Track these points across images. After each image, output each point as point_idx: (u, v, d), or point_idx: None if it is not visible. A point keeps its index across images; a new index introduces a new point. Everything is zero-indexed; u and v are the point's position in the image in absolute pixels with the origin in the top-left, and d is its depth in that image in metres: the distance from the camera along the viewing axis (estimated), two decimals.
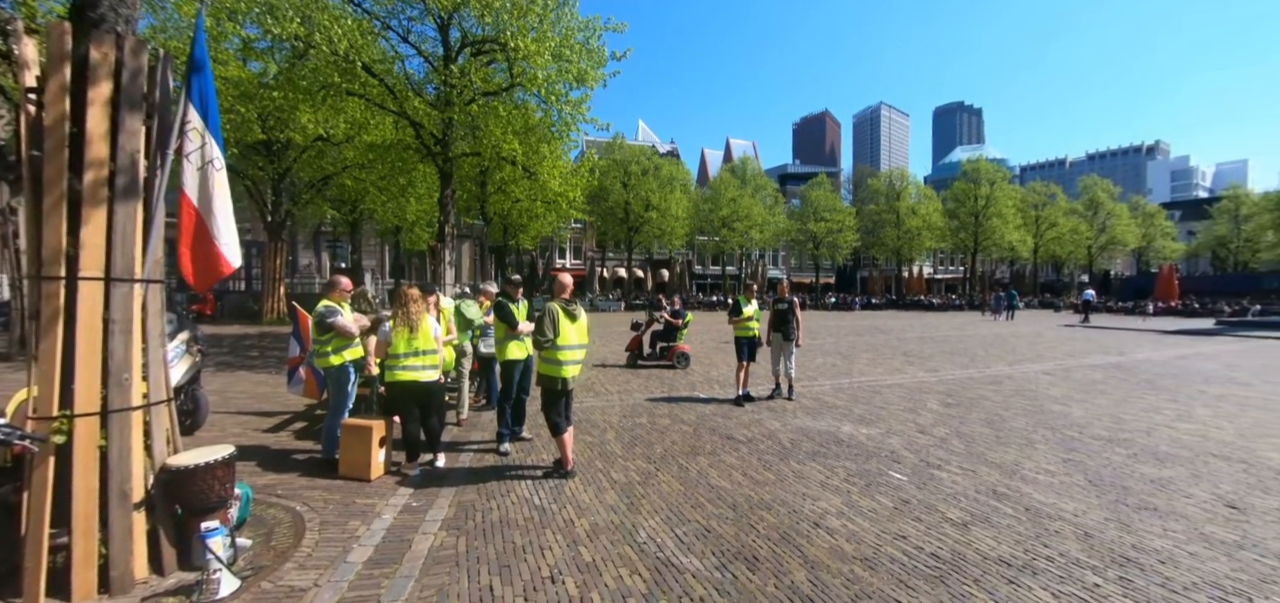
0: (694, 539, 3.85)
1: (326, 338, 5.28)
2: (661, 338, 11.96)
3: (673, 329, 11.90)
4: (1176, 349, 16.08)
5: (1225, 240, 54.73)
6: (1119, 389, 9.60)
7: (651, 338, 12.05)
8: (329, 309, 5.27)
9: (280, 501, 4.48)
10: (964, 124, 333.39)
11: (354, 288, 5.79)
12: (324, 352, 5.32)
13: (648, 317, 12.40)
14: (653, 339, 12.05)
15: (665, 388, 9.53)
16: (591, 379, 10.32)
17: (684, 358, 11.59)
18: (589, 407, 8.01)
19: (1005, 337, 20.24)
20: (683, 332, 11.96)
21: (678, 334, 11.87)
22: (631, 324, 12.58)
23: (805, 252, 53.22)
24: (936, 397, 8.84)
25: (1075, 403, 8.39)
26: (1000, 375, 11.08)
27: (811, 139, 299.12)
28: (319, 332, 5.29)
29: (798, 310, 8.52)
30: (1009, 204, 51.45)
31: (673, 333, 11.89)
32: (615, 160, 41.69)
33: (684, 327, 11.93)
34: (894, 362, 13.12)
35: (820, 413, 7.63)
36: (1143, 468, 5.42)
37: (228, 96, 13.89)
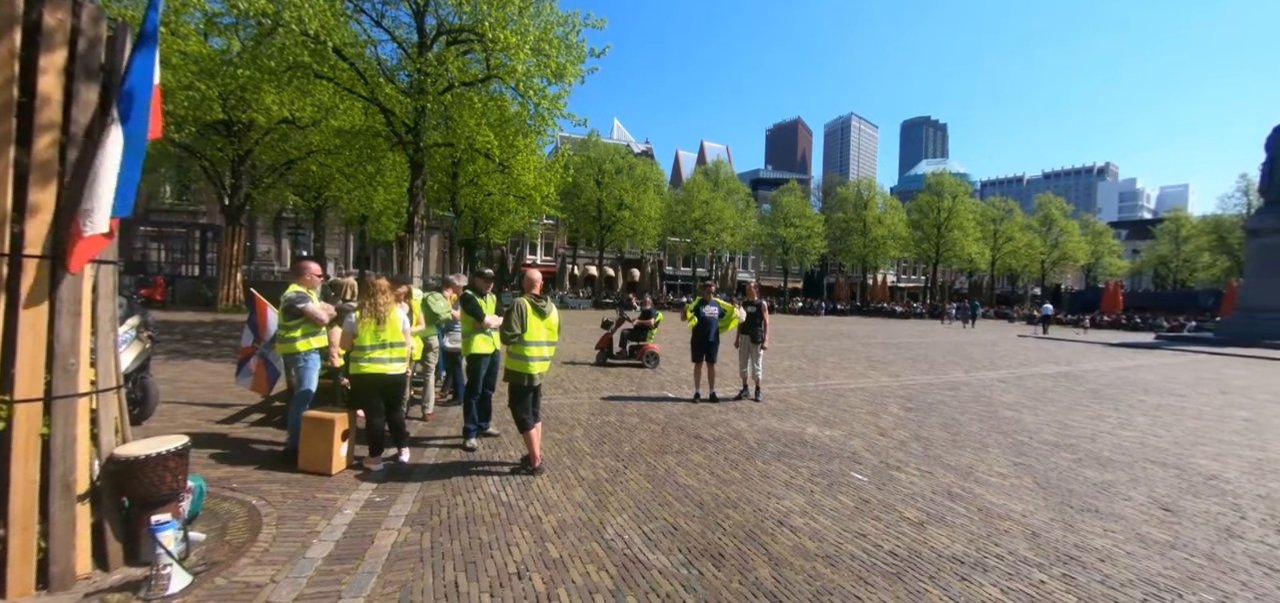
0: (661, 536, 3.88)
1: (295, 324, 5.14)
2: (631, 337, 11.99)
3: (643, 329, 11.94)
4: (1120, 361, 16.94)
5: (1166, 259, 57.98)
6: (1067, 397, 10.06)
7: (621, 337, 12.07)
8: (299, 295, 5.14)
9: (235, 494, 4.34)
10: (930, 138, 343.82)
11: (323, 276, 5.64)
12: (290, 338, 5.17)
13: (618, 315, 12.41)
14: (623, 338, 12.07)
15: (634, 387, 9.56)
16: (561, 377, 10.28)
17: (653, 358, 11.65)
18: (558, 404, 7.98)
19: (963, 345, 20.97)
20: (653, 332, 12.02)
21: (648, 334, 11.92)
22: (602, 323, 12.57)
23: (775, 256, 54.09)
24: (897, 401, 9.11)
25: (1026, 410, 8.77)
26: (958, 382, 11.48)
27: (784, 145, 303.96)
28: (287, 317, 5.14)
29: (766, 314, 8.67)
30: (970, 218, 53.34)
31: (643, 332, 11.93)
32: (589, 157, 41.59)
33: (654, 327, 11.99)
34: (858, 366, 13.46)
35: (786, 415, 7.77)
36: (1087, 472, 5.70)
37: (186, 72, 13.32)
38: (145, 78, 3.39)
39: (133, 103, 3.31)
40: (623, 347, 12.02)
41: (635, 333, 12.01)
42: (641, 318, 12.05)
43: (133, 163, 3.44)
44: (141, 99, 3.39)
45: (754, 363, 8.59)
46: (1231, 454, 6.58)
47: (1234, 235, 48.65)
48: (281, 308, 5.17)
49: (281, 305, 5.17)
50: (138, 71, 3.31)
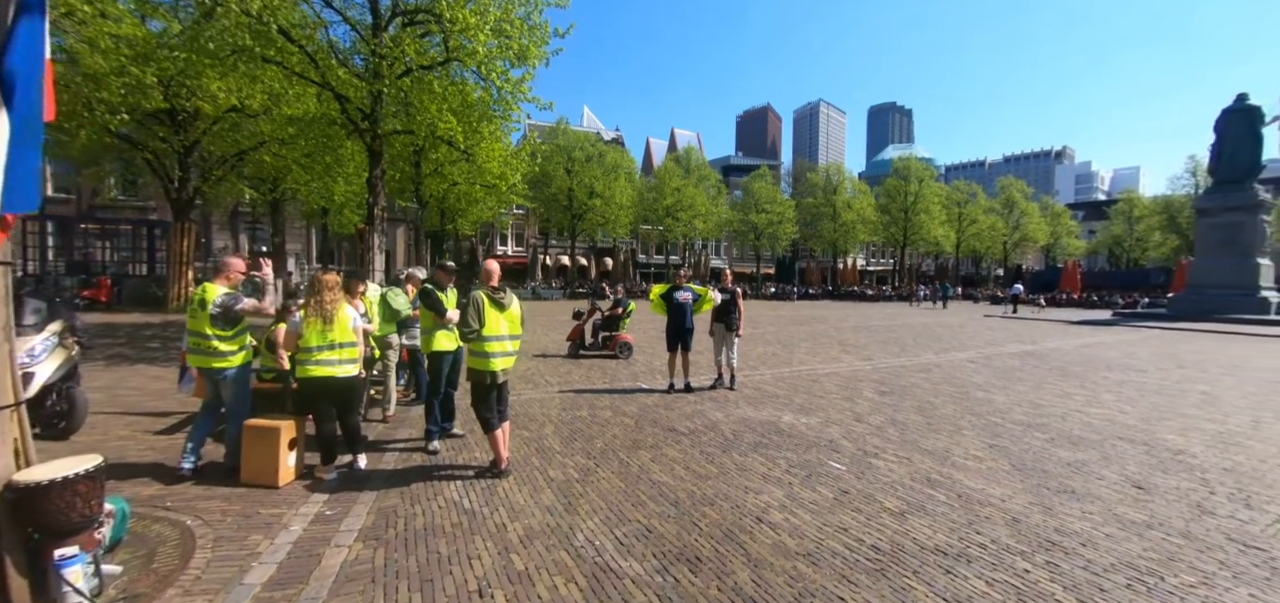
0: (634, 541, 3.67)
1: (231, 333, 4.57)
2: (604, 327, 11.74)
3: (615, 319, 11.70)
4: (1082, 339, 17.42)
5: (1120, 239, 60.25)
6: (1035, 376, 10.21)
7: (593, 328, 11.81)
8: (230, 296, 4.59)
9: (169, 514, 3.96)
10: (896, 123, 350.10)
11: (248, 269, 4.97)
12: (222, 350, 4.51)
13: (589, 306, 12.14)
14: (594, 329, 11.81)
15: (607, 379, 9.33)
16: (531, 370, 9.98)
17: (626, 348, 11.42)
18: (527, 400, 7.69)
19: (933, 327, 21.33)
20: (625, 321, 11.78)
21: (620, 324, 11.68)
22: (573, 313, 12.28)
23: (747, 242, 54.33)
24: (871, 385, 9.09)
25: (997, 390, 8.84)
26: (929, 364, 11.57)
27: (754, 132, 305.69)
28: (224, 325, 4.52)
29: (741, 301, 8.50)
30: (935, 201, 54.44)
31: (615, 322, 11.69)
32: (559, 145, 40.94)
33: (626, 316, 11.75)
34: (831, 351, 13.48)
35: (762, 403, 7.64)
36: (1060, 452, 5.70)
37: (119, 56, 12.43)
38: (32, 53, 2.97)
39: (18, 82, 2.90)
40: (595, 338, 11.76)
41: (607, 323, 11.76)
42: (613, 308, 11.80)
43: (28, 151, 3.04)
44: (29, 78, 2.98)
45: (728, 351, 8.43)
46: (1195, 429, 6.70)
47: (1183, 215, 50.77)
48: (210, 317, 4.49)
49: (211, 314, 4.49)
50: (22, 46, 2.89)
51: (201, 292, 4.52)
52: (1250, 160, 23.54)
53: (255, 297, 4.72)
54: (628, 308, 11.79)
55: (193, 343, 4.59)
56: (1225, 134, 24.29)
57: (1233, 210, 23.45)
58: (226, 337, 4.54)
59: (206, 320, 4.47)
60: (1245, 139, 23.67)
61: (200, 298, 4.51)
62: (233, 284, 4.68)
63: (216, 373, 4.59)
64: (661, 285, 8.59)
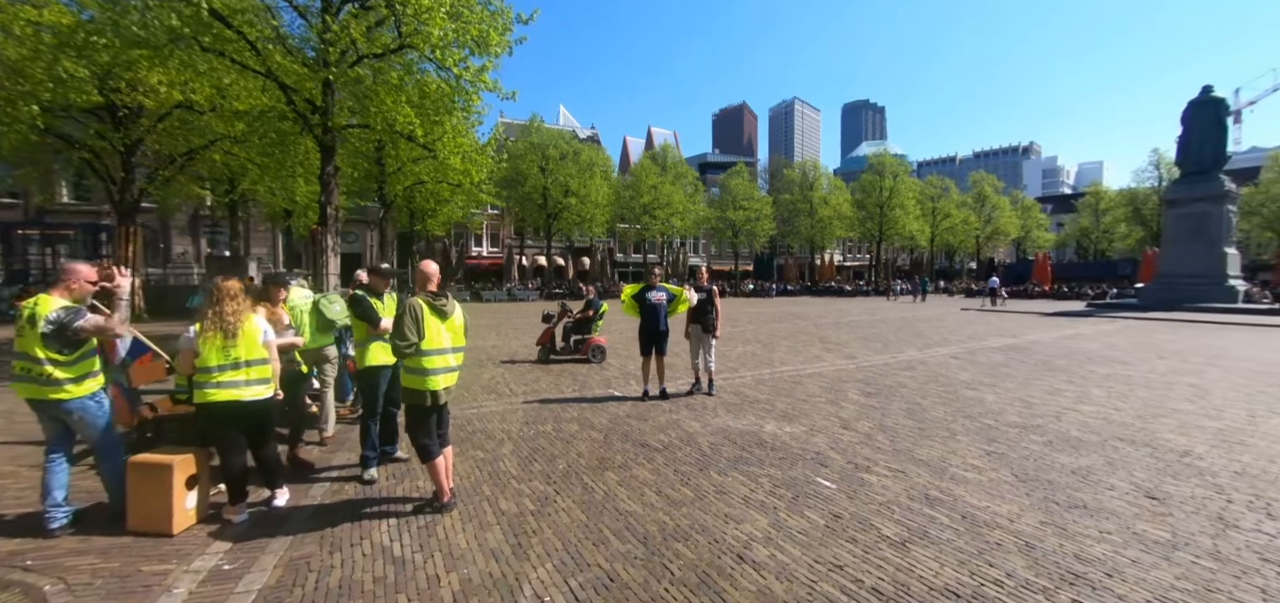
0: (593, 593, 3.07)
1: (71, 357, 3.66)
2: (575, 330, 11.11)
3: (587, 321, 11.09)
4: (1060, 330, 17.34)
5: (1088, 231, 61.57)
6: (1021, 371, 9.89)
7: (564, 331, 11.18)
8: (69, 312, 3.63)
9: (26, 576, 3.24)
10: (869, 120, 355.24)
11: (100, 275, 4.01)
12: (56, 377, 3.61)
13: (560, 308, 11.50)
14: (566, 332, 11.18)
15: (577, 386, 8.72)
16: (496, 379, 9.31)
17: (599, 351, 10.82)
18: (488, 413, 7.04)
19: (912, 321, 21.15)
20: (598, 323, 11.18)
21: (592, 326, 11.08)
22: (542, 315, 11.62)
23: (725, 239, 54.09)
24: (856, 386, 8.64)
25: (986, 388, 8.46)
26: (913, 361, 11.21)
27: (730, 130, 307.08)
28: (59, 347, 3.60)
29: (718, 300, 7.97)
30: (910, 196, 54.92)
31: (587, 325, 11.08)
32: (532, 143, 40.08)
33: (598, 318, 11.15)
34: (813, 349, 13.06)
35: (742, 410, 7.11)
36: (1061, 457, 5.28)
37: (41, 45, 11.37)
38: None
39: None
40: (566, 341, 11.13)
41: (578, 326, 11.14)
42: (584, 310, 11.18)
43: None
44: None
45: (706, 354, 7.89)
46: (1194, 426, 6.35)
47: (1148, 206, 52.01)
48: (41, 335, 3.57)
49: (43, 332, 3.57)
50: None
51: (32, 305, 3.64)
52: (1216, 151, 23.91)
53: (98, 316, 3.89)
54: (599, 309, 11.19)
55: (20, 368, 3.66)
56: (1192, 126, 24.64)
57: (1200, 201, 23.78)
58: (63, 361, 3.63)
59: (37, 340, 3.55)
60: (1211, 130, 24.03)
61: (30, 312, 3.59)
62: (76, 297, 3.80)
63: (52, 407, 3.68)
64: (633, 285, 8.02)
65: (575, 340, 11.02)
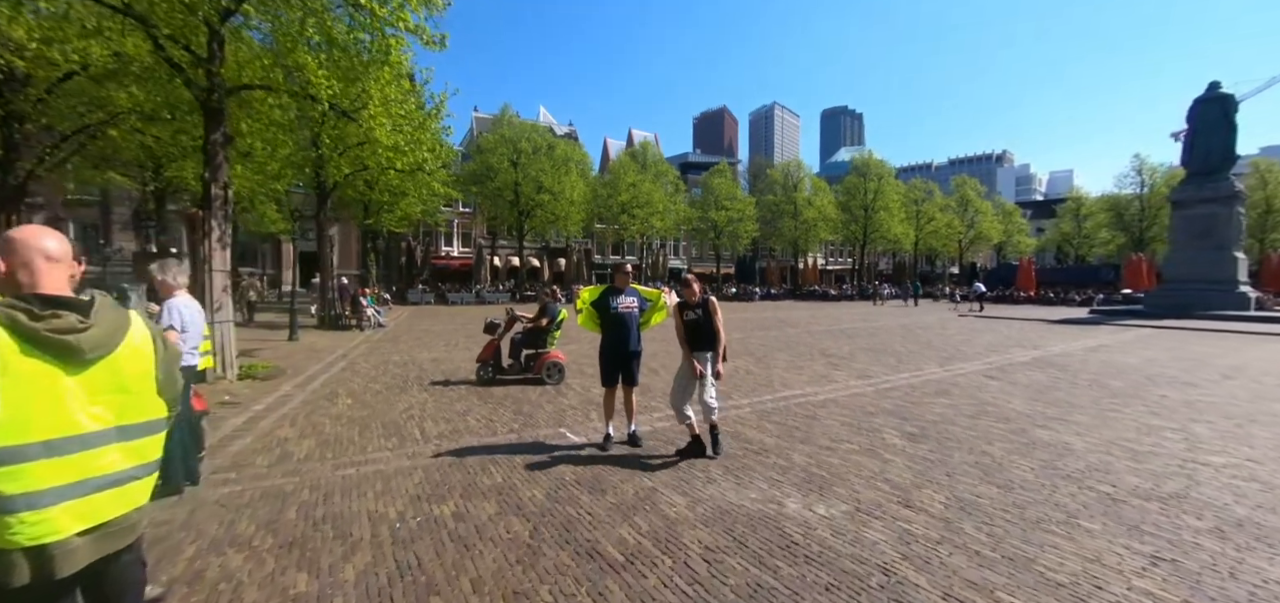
0: None
1: None
2: (526, 343, 8.85)
3: (540, 332, 8.83)
4: (1081, 341, 15.60)
5: (1069, 237, 61.16)
6: (1081, 397, 7.92)
7: (512, 344, 8.90)
8: None
9: None
10: (847, 126, 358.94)
11: None
12: None
13: (507, 315, 9.20)
14: (514, 346, 8.90)
15: (519, 423, 6.45)
16: (409, 412, 6.99)
17: (556, 370, 8.58)
18: (368, 476, 4.73)
19: (913, 329, 19.31)
20: (555, 334, 8.92)
21: (547, 338, 8.82)
22: (484, 324, 9.31)
23: (706, 241, 52.16)
24: (890, 421, 6.54)
25: (1057, 424, 6.43)
26: (941, 381, 9.19)
27: (711, 133, 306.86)
28: None
29: (717, 316, 5.29)
30: (895, 199, 53.74)
31: (541, 336, 8.82)
32: (503, 136, 37.56)
33: (555, 328, 8.90)
34: (816, 365, 10.98)
35: (747, 470, 4.93)
36: (1255, 561, 3.23)
37: None
38: None
39: None
40: (515, 357, 8.85)
41: (531, 338, 8.87)
42: (539, 317, 8.91)
43: None
44: None
45: (703, 392, 5.16)
46: None
47: (1130, 212, 51.65)
48: None
49: None
50: None
51: None
52: (1224, 150, 22.65)
53: None
54: (557, 317, 8.92)
55: None
56: (1198, 124, 23.37)
57: (1208, 202, 22.48)
58: None
59: None
60: (1218, 128, 22.76)
61: None
62: None
63: None
64: (592, 289, 5.68)
65: (526, 356, 8.75)
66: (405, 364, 10.81)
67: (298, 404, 7.33)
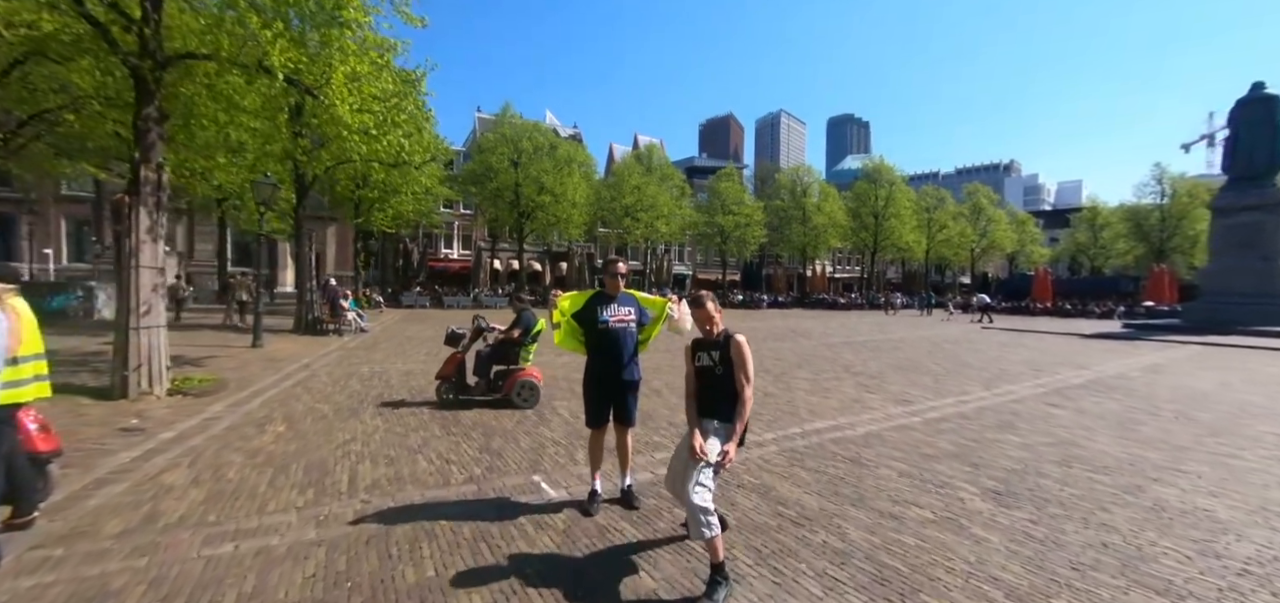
0: None
1: None
2: (496, 359, 7.43)
3: (510, 346, 7.42)
4: (1126, 360, 14.09)
5: (1084, 247, 59.42)
6: (1175, 434, 6.46)
7: (479, 360, 7.48)
8: None
9: None
10: (853, 134, 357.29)
11: None
12: None
13: (474, 325, 7.79)
14: (481, 361, 7.48)
15: (483, 463, 5.04)
16: (348, 445, 5.59)
17: (529, 391, 7.16)
18: (242, 558, 3.31)
19: (939, 342, 17.82)
20: (530, 348, 7.48)
21: (521, 352, 7.39)
22: (446, 334, 7.88)
23: (712, 246, 50.67)
24: (959, 470, 5.09)
25: (1172, 476, 4.97)
26: (997, 410, 7.73)
27: (717, 139, 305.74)
28: None
29: (747, 364, 3.43)
30: (906, 206, 52.20)
31: (511, 351, 7.40)
32: (503, 135, 36.25)
33: (531, 341, 7.48)
34: (844, 386, 9.54)
35: (787, 558, 3.49)
36: None
37: None
38: None
39: None
40: (481, 374, 7.44)
41: (500, 352, 7.45)
42: (511, 328, 7.47)
43: None
44: None
45: (691, 480, 3.04)
46: None
47: (1149, 222, 50.00)
48: None
49: None
50: None
51: None
52: (1270, 154, 21.13)
53: None
54: (533, 329, 7.52)
55: None
56: (1240, 127, 21.86)
57: (1253, 209, 20.93)
58: None
59: None
60: (1263, 131, 21.26)
61: None
62: None
63: None
64: (573, 296, 4.18)
65: (496, 373, 7.33)
66: (372, 377, 9.43)
67: (216, 433, 5.94)
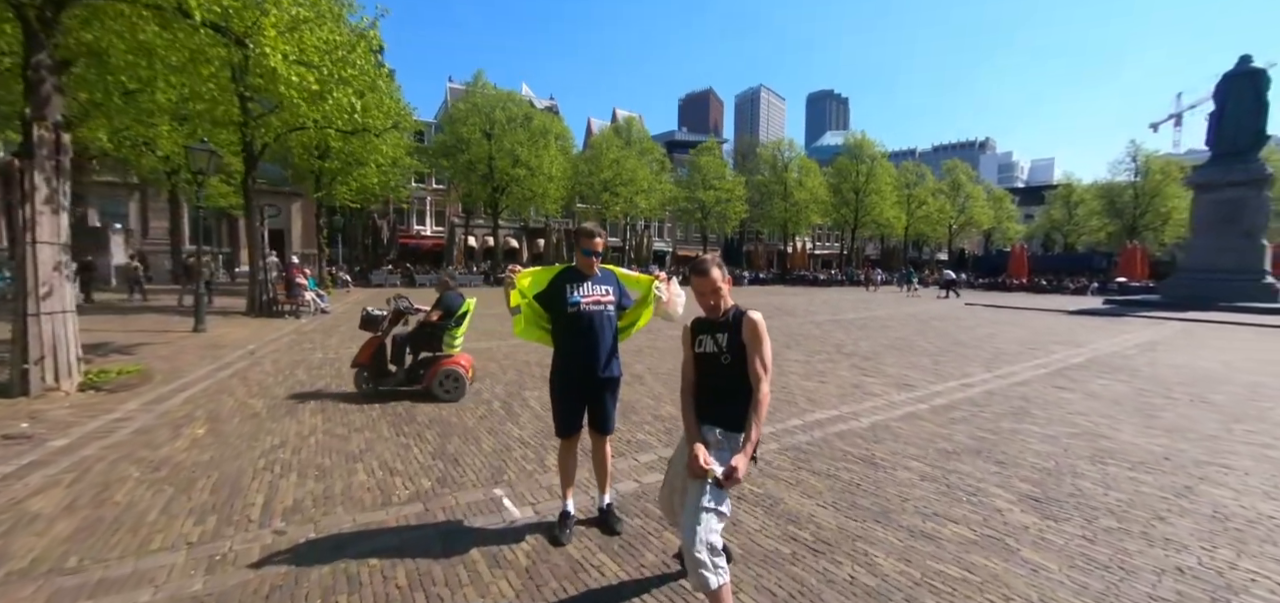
0: None
1: None
2: (418, 344, 6.59)
3: (434, 330, 6.52)
4: (1118, 338, 13.81)
5: (1059, 224, 60.10)
6: (1199, 421, 5.95)
7: (399, 344, 6.61)
8: None
9: None
10: (833, 110, 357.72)
11: None
12: None
13: (392, 306, 6.85)
14: (399, 345, 6.62)
15: (436, 473, 4.23)
16: (283, 447, 4.73)
17: (452, 382, 6.33)
18: None
19: (926, 320, 17.41)
20: (456, 334, 6.56)
21: (445, 337, 6.52)
22: (362, 317, 6.98)
23: (693, 222, 49.87)
24: (985, 470, 4.46)
25: (1218, 475, 4.41)
26: (1005, 394, 7.17)
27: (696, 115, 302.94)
28: None
29: (764, 349, 2.44)
30: (887, 181, 51.98)
31: (434, 335, 6.53)
32: (475, 104, 34.68)
33: (455, 325, 6.56)
34: (839, 369, 8.91)
35: (810, 598, 2.79)
36: None
37: None
38: None
39: None
40: (397, 361, 6.59)
41: (423, 337, 6.59)
42: (433, 309, 6.57)
43: None
44: None
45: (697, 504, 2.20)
46: None
47: (1123, 199, 50.60)
48: None
49: None
50: None
51: None
52: (1255, 130, 21.03)
53: None
54: (458, 310, 6.60)
55: None
56: (1226, 102, 21.69)
57: (1236, 186, 20.86)
58: None
59: None
60: (1249, 106, 21.11)
61: None
62: None
63: None
64: (535, 272, 3.33)
65: (423, 358, 6.50)
66: (323, 366, 8.50)
67: (120, 439, 5.02)
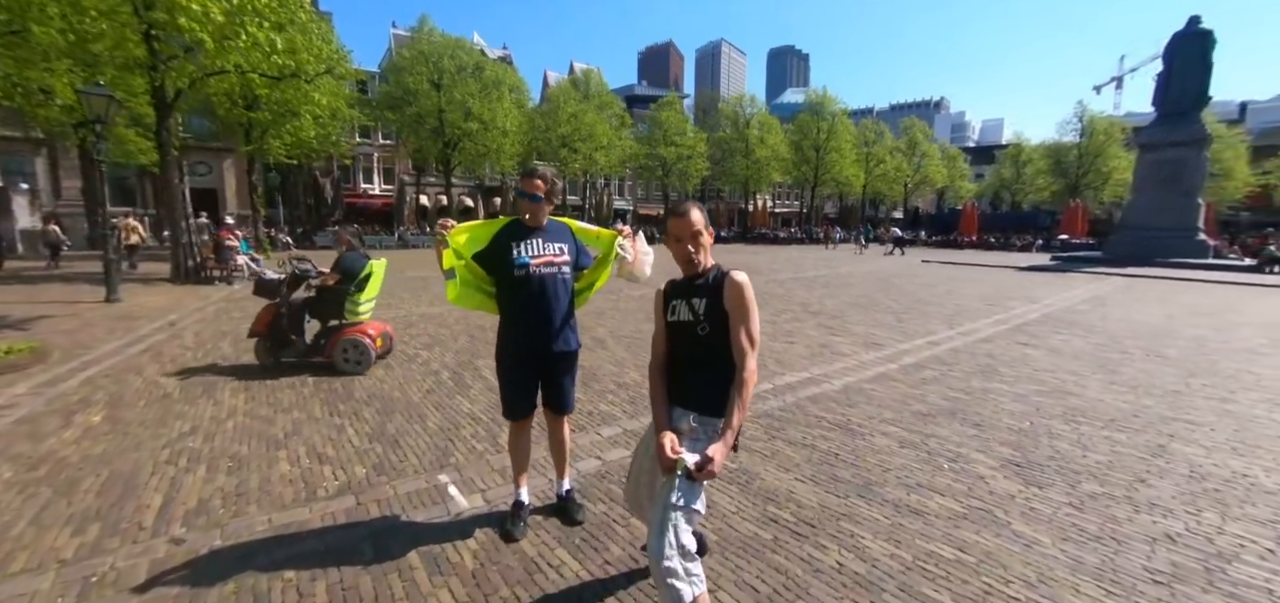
0: None
1: None
2: (317, 310, 5.98)
3: (334, 294, 5.87)
4: (1067, 293, 14.20)
5: (1008, 183, 62.03)
6: (1158, 377, 5.99)
7: (293, 311, 5.95)
8: None
9: None
10: (794, 67, 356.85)
11: None
12: None
13: (289, 270, 6.09)
14: (295, 312, 5.97)
15: (371, 458, 3.73)
16: (194, 434, 4.12)
17: (356, 352, 5.74)
18: None
19: (887, 277, 17.54)
20: (357, 300, 5.90)
21: (349, 302, 5.89)
22: (255, 283, 6.22)
23: (654, 179, 49.06)
24: (963, 433, 4.27)
25: (1189, 435, 4.37)
26: (971, 350, 7.11)
27: (657, 69, 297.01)
28: None
29: (751, 319, 2.01)
30: (847, 139, 52.22)
31: (335, 301, 5.91)
32: (421, 52, 32.54)
33: (356, 291, 5.87)
34: (806, 328, 8.71)
35: (796, 592, 2.47)
36: None
37: None
38: None
39: None
40: (295, 331, 5.95)
41: (322, 302, 5.98)
42: (327, 275, 5.93)
43: None
44: None
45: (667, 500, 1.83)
46: None
47: (1068, 158, 52.42)
48: None
49: None
50: None
51: None
52: (1198, 90, 21.72)
53: None
54: (358, 274, 5.90)
55: None
56: (1173, 62, 22.27)
57: (1178, 146, 21.62)
58: None
59: None
60: (1195, 67, 21.73)
61: None
62: None
63: None
64: (474, 228, 2.78)
65: (331, 326, 5.92)
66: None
67: (3, 427, 4.29)
